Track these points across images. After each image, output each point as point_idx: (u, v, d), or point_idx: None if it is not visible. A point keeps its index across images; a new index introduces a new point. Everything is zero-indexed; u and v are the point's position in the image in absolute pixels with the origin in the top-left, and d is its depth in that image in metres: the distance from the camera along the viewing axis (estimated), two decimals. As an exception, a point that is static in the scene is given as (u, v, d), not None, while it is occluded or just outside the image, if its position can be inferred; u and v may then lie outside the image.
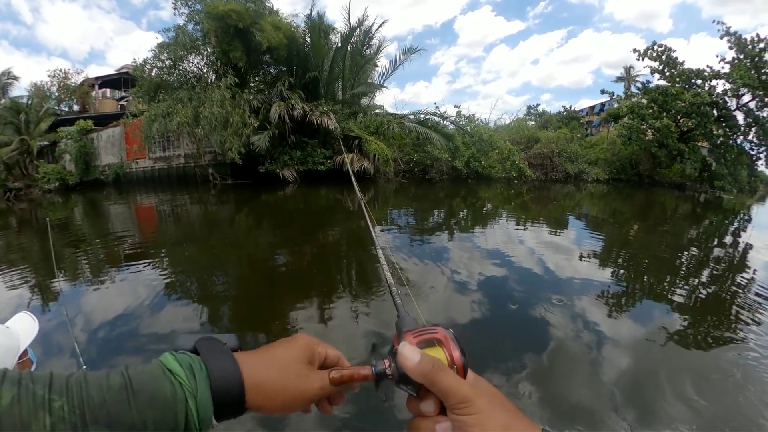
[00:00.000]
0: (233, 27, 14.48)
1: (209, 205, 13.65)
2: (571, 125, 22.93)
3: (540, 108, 25.71)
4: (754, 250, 8.08)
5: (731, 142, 21.63)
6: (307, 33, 16.13)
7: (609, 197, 17.64)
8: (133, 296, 4.34)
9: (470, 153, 16.81)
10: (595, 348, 3.29)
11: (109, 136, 19.63)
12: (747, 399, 2.68)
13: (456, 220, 10.16)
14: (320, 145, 14.98)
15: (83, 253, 6.71)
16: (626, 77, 30.44)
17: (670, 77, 21.44)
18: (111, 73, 24.59)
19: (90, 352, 3.17)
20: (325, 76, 16.19)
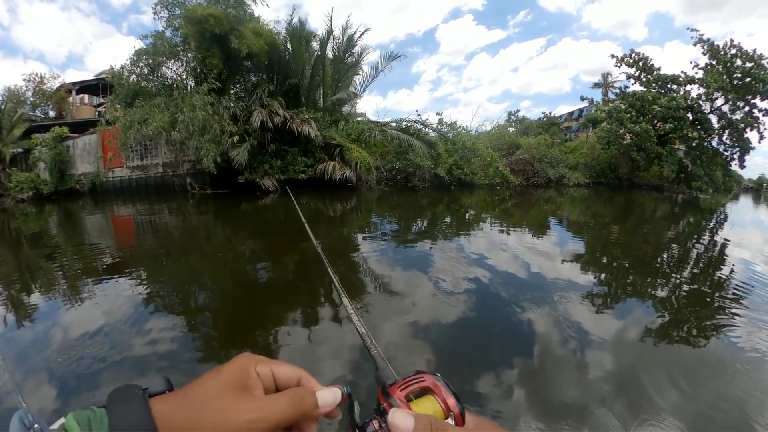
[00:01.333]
0: (210, 32, 14.00)
1: (187, 216, 13.12)
2: (551, 131, 23.05)
3: (520, 114, 25.83)
4: (732, 245, 8.39)
5: (706, 144, 22.12)
6: (288, 40, 15.71)
7: (590, 200, 17.71)
8: (105, 313, 4.09)
9: (453, 160, 16.62)
10: (581, 347, 3.30)
11: (85, 144, 18.86)
12: (731, 391, 2.71)
13: (440, 226, 9.93)
14: (301, 153, 14.59)
15: (58, 267, 6.35)
16: (604, 83, 30.87)
17: (646, 83, 21.75)
18: (89, 79, 23.74)
19: (64, 376, 2.87)
20: (306, 83, 15.81)
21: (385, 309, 4.05)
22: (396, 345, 3.25)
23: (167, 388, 0.36)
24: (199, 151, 13.82)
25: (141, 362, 3.09)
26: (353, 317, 0.60)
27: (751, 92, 19.68)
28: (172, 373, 2.92)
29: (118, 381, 2.50)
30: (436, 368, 2.71)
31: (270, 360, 0.39)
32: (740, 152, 21.73)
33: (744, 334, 3.63)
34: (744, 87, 19.64)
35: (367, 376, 2.66)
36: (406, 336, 3.42)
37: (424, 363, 2.98)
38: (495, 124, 22.23)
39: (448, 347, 3.29)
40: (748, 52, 19.53)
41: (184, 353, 3.27)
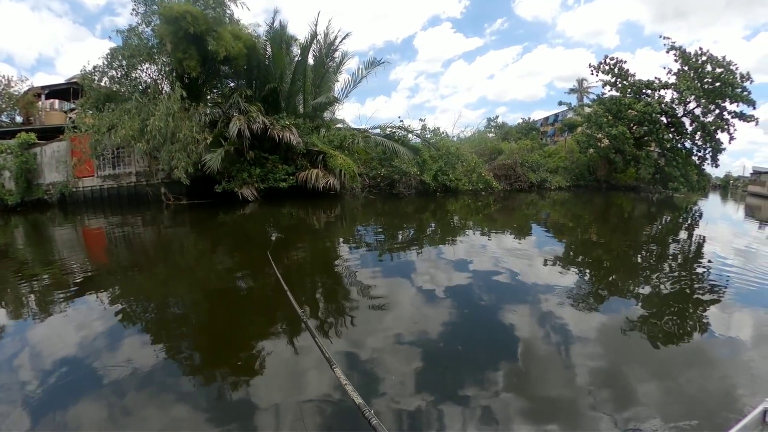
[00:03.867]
0: (186, 32, 12.98)
1: (162, 228, 12.16)
2: (531, 136, 22.87)
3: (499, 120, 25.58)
4: (710, 240, 8.91)
5: (680, 146, 22.43)
6: (269, 44, 14.83)
7: (573, 203, 17.58)
8: (80, 332, 3.90)
9: (438, 166, 16.05)
10: (566, 344, 3.33)
11: (54, 152, 17.44)
12: (711, 384, 2.73)
13: (433, 234, 9.48)
14: (282, 160, 13.72)
15: (26, 284, 5.97)
16: (579, 89, 31.01)
17: (622, 88, 21.83)
18: (60, 83, 22.15)
19: (34, 399, 2.75)
20: (287, 88, 14.95)
21: (370, 320, 3.92)
22: (383, 353, 3.18)
23: None
24: (171, 160, 12.81)
25: (114, 383, 2.92)
26: (348, 388, 0.87)
27: (721, 96, 19.98)
28: (145, 393, 2.83)
29: (90, 405, 2.59)
30: (426, 373, 2.89)
31: None
32: (713, 152, 22.07)
33: (719, 323, 3.76)
34: (714, 91, 19.94)
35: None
36: (394, 344, 3.34)
37: (413, 369, 2.94)
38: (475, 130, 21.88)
39: (438, 352, 3.26)
40: (718, 59, 19.82)
41: (159, 373, 3.10)
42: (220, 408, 2.67)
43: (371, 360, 3.10)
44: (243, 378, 2.99)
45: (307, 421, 2.44)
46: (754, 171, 36.46)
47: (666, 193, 22.09)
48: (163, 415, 2.62)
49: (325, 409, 2.60)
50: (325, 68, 15.57)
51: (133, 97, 14.21)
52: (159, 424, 2.50)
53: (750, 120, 20.12)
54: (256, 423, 2.50)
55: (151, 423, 2.51)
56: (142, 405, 2.69)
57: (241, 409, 2.63)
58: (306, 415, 2.51)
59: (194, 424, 2.52)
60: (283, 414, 2.54)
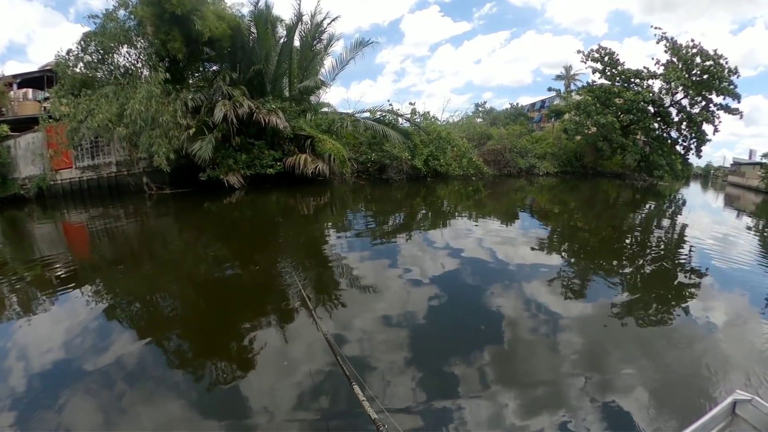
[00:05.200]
0: (171, 14, 12.26)
1: (145, 219, 11.58)
2: (519, 121, 22.67)
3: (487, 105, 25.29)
4: (691, 227, 8.93)
5: (665, 135, 22.55)
6: (253, 24, 14.14)
7: (561, 189, 17.52)
8: (65, 329, 3.80)
9: (428, 151, 15.66)
10: (552, 326, 3.36)
11: (29, 144, 16.49)
12: (692, 362, 2.82)
13: (427, 219, 9.21)
14: (268, 146, 13.15)
15: (6, 283, 5.77)
16: (566, 76, 30.90)
17: (610, 77, 21.74)
18: (33, 71, 20.96)
19: (25, 397, 2.71)
20: (272, 70, 14.31)
21: (361, 304, 3.87)
22: (375, 335, 3.19)
23: None
24: (151, 147, 12.15)
25: (103, 377, 2.88)
26: (364, 404, 0.86)
27: (709, 88, 20.09)
28: (141, 384, 2.78)
29: (80, 400, 2.55)
30: (415, 354, 2.94)
31: None
32: (697, 143, 22.24)
33: (698, 306, 3.80)
34: (702, 83, 20.06)
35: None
36: (385, 326, 3.35)
37: (402, 350, 2.98)
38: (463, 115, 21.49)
39: (426, 334, 3.27)
40: (708, 51, 19.83)
41: (150, 366, 3.04)
42: (209, 400, 2.58)
43: (361, 339, 3.19)
44: (234, 372, 2.88)
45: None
46: (734, 162, 37.20)
47: (650, 181, 22.30)
48: (151, 408, 2.54)
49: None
50: (312, 51, 14.97)
51: (110, 82, 13.47)
52: (147, 416, 2.44)
53: (735, 113, 20.35)
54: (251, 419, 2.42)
55: (137, 416, 2.46)
56: (129, 398, 2.64)
57: (233, 403, 2.52)
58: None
59: (183, 415, 2.46)
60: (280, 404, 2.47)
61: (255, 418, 2.36)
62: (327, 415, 2.36)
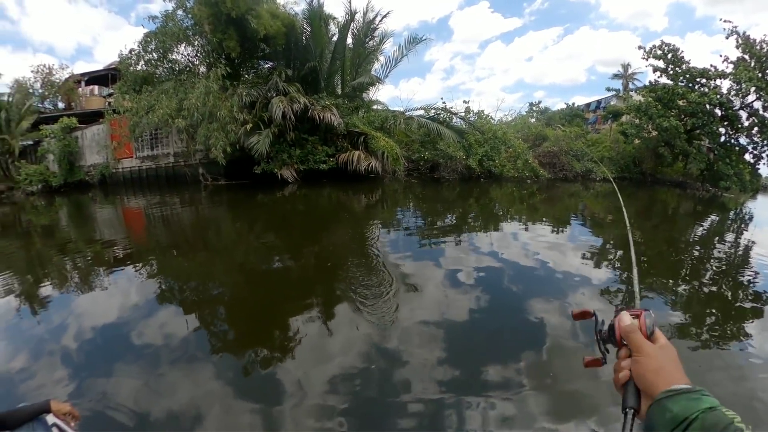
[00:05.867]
0: (226, 15, 12.50)
1: (201, 208, 11.76)
2: (575, 122, 21.41)
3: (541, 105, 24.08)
4: (759, 244, 7.91)
5: (733, 142, 20.48)
6: (306, 22, 14.16)
7: (625, 197, 16.21)
8: (120, 306, 4.03)
9: (483, 151, 14.98)
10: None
11: (94, 135, 17.42)
12: (745, 394, 2.55)
13: (479, 221, 8.64)
14: (321, 142, 13.04)
15: (69, 260, 6.17)
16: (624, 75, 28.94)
17: (674, 76, 20.04)
18: (98, 69, 22.26)
19: (75, 362, 2.97)
20: (326, 68, 14.23)
21: (404, 302, 3.84)
22: (425, 334, 3.16)
23: None
24: (208, 140, 12.38)
25: (155, 352, 3.04)
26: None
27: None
28: (184, 363, 2.92)
29: (125, 369, 2.85)
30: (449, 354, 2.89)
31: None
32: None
33: (759, 335, 3.42)
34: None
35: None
36: (423, 324, 3.33)
37: (444, 351, 2.92)
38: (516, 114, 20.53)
39: (462, 336, 3.21)
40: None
41: (192, 345, 3.16)
42: (245, 383, 2.65)
43: (400, 334, 3.19)
44: (272, 359, 2.93)
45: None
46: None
47: (713, 192, 20.32)
48: (189, 383, 2.65)
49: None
50: (364, 47, 14.78)
51: (170, 79, 13.90)
52: (184, 389, 2.57)
53: (816, 118, 18.03)
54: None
55: (175, 388, 2.58)
56: (169, 371, 2.79)
57: (267, 389, 2.58)
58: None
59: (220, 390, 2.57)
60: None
61: (285, 404, 2.38)
62: (356, 409, 2.34)
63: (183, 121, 12.42)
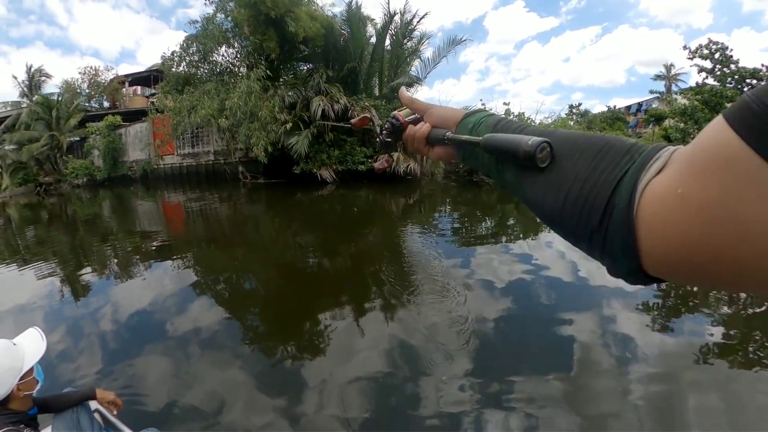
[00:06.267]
0: (265, 15, 12.65)
1: (239, 204, 11.93)
2: (617, 126, 20.51)
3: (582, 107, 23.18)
4: None
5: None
6: (344, 23, 14.18)
7: None
8: (158, 295, 4.15)
9: None
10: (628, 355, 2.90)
11: (137, 132, 18.04)
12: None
13: (516, 227, 8.32)
14: (359, 143, 13.00)
15: (110, 249, 6.41)
16: (666, 75, 27.45)
17: (721, 77, 18.97)
18: (141, 71, 23.08)
19: (111, 348, 3.10)
20: (365, 69, 14.20)
21: (429, 306, 3.72)
22: (437, 335, 3.12)
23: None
24: (249, 139, 12.53)
25: (183, 341, 3.14)
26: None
27: None
28: (213, 352, 3.00)
29: (156, 354, 3.02)
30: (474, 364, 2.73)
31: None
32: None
33: None
34: None
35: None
36: (447, 329, 3.24)
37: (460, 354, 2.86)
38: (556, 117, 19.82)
39: (487, 345, 3.06)
40: None
41: (222, 335, 3.24)
42: (271, 375, 2.70)
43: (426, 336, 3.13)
44: (299, 354, 2.96)
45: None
46: None
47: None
48: (216, 370, 2.74)
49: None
50: (402, 49, 14.67)
51: (211, 80, 14.20)
52: (211, 377, 2.64)
53: None
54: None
55: (202, 376, 2.65)
56: (198, 359, 2.87)
57: (292, 383, 2.59)
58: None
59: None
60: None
61: (308, 401, 2.37)
62: (379, 412, 2.29)
63: (226, 121, 12.64)
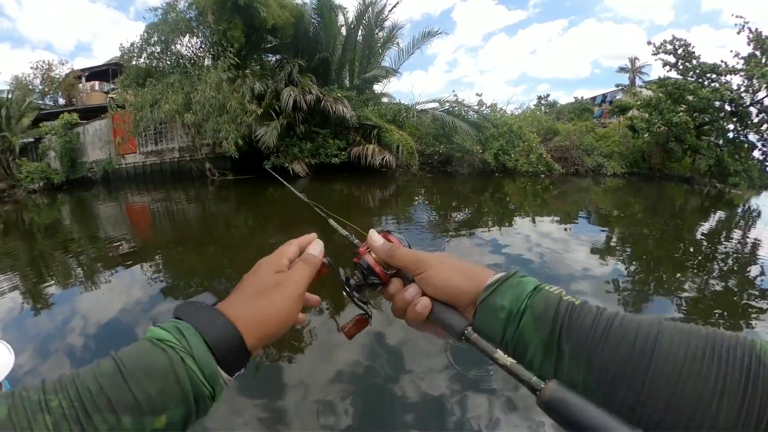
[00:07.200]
0: (232, 2, 11.91)
1: (207, 203, 11.22)
2: (584, 117, 20.92)
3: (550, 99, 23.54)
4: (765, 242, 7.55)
5: (742, 138, 20.09)
6: (314, 12, 13.60)
7: (626, 191, 15.95)
8: (124, 302, 4.03)
9: (499, 145, 14.45)
10: None
11: (96, 130, 16.80)
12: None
13: (494, 216, 8.21)
14: (332, 135, 12.49)
15: (73, 258, 6.15)
16: (631, 69, 28.36)
17: (684, 71, 19.61)
18: (99, 65, 21.61)
19: (79, 359, 2.98)
20: (336, 59, 13.68)
21: None
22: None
23: (216, 301, 0.38)
24: (218, 133, 11.79)
25: None
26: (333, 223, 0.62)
27: None
28: None
29: None
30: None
31: (290, 242, 0.46)
32: (778, 148, 19.57)
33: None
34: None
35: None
36: None
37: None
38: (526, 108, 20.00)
39: None
40: None
41: None
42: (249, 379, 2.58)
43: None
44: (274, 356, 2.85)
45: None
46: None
47: (720, 188, 19.97)
48: None
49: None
50: (374, 39, 14.24)
51: (174, 71, 13.33)
52: None
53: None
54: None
55: None
56: None
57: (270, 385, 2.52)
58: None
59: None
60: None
61: (288, 401, 2.36)
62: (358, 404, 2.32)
63: (193, 116, 11.84)
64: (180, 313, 0.35)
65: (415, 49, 14.08)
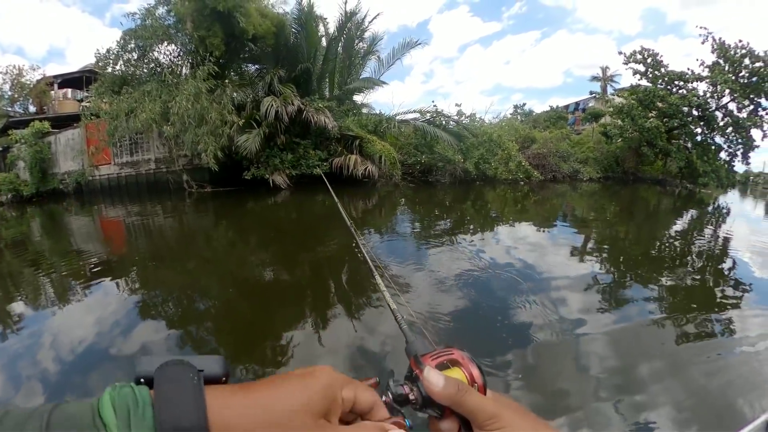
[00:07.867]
0: (212, 9, 11.61)
1: (185, 217, 10.88)
2: (558, 124, 21.44)
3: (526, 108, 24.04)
4: (735, 238, 7.89)
5: (710, 141, 20.99)
6: (296, 22, 13.43)
7: (603, 194, 16.39)
8: (100, 322, 3.82)
9: (479, 154, 14.58)
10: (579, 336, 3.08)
11: (69, 140, 16.11)
12: (726, 384, 2.59)
13: (479, 223, 8.27)
14: (313, 146, 12.33)
15: (44, 275, 5.83)
16: (602, 77, 29.33)
17: (653, 79, 20.38)
18: (72, 71, 20.76)
19: (52, 382, 2.77)
20: (317, 69, 13.54)
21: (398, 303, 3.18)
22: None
23: (224, 374, 0.29)
24: (197, 145, 11.48)
25: (130, 367, 1.61)
26: (385, 294, 0.59)
27: (757, 91, 18.41)
28: None
29: (101, 380, 2.78)
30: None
31: (354, 382, 0.34)
32: (744, 149, 20.57)
33: (738, 322, 3.49)
34: (750, 86, 18.38)
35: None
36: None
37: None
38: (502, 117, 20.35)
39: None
40: (757, 53, 18.20)
41: (173, 354, 1.86)
42: None
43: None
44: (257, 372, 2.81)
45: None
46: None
47: (690, 188, 20.86)
48: None
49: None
50: (355, 50, 14.17)
51: (151, 79, 12.92)
52: None
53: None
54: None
55: None
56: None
57: None
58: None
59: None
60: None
61: None
62: None
63: (172, 128, 11.46)
64: (158, 378, 0.26)
65: (395, 60, 14.13)
